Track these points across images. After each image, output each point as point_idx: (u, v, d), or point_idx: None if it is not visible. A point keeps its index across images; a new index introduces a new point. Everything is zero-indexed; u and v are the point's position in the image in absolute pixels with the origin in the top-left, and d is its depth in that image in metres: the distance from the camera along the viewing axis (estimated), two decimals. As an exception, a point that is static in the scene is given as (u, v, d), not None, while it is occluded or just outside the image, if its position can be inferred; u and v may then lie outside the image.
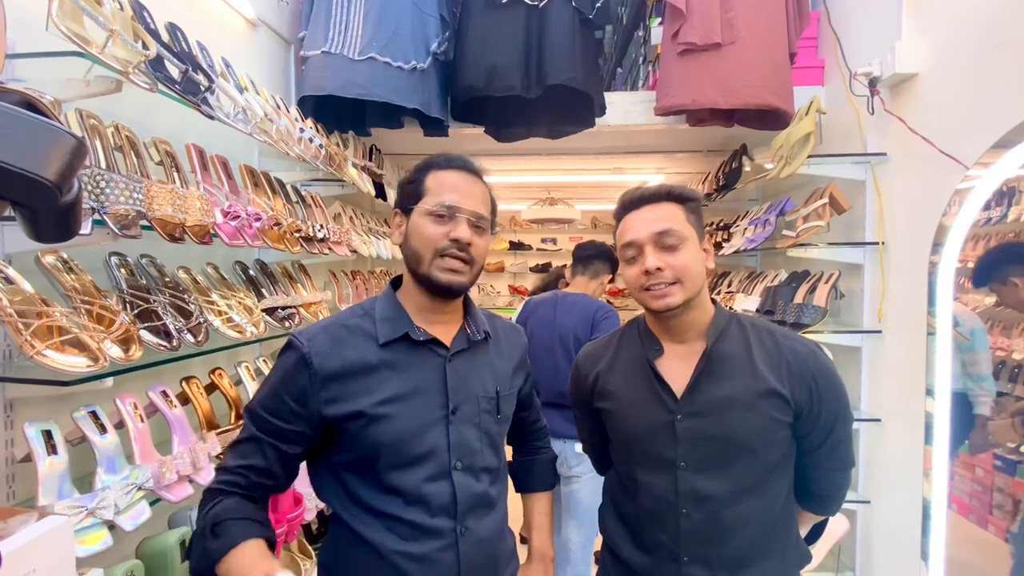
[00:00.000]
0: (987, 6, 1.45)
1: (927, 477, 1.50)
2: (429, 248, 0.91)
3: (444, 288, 0.91)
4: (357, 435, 0.88)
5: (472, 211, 0.92)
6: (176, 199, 1.26)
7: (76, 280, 1.18)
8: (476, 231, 0.92)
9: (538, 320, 2.18)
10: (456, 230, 0.90)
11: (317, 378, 0.88)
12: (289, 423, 0.88)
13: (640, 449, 1.02)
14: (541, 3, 2.16)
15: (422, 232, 0.91)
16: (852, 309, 2.07)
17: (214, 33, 1.79)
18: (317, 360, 0.88)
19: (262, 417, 0.89)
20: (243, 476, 0.89)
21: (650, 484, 1.00)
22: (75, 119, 1.17)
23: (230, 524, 0.84)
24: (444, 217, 0.91)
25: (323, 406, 0.88)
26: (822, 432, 1.00)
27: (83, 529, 1.04)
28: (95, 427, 1.16)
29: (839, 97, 2.10)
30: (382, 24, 2.08)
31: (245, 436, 0.91)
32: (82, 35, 1.06)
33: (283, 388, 0.89)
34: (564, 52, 2.15)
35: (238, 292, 1.62)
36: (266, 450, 0.89)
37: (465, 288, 0.94)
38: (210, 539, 0.82)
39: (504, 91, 2.15)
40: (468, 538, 0.92)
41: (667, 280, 0.95)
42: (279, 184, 1.90)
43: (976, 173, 1.41)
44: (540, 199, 5.12)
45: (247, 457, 0.89)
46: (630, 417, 1.02)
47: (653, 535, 1.01)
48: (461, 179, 0.94)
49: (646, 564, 1.02)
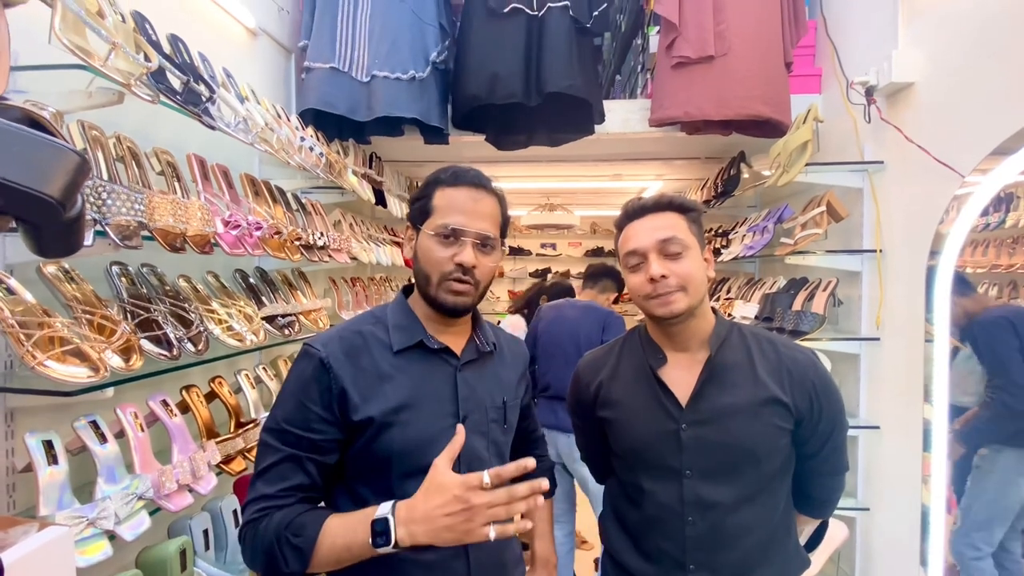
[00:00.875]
0: (982, 16, 1.46)
1: (926, 484, 1.50)
2: (435, 271, 0.91)
3: (450, 310, 0.92)
4: (370, 442, 0.88)
5: (477, 232, 0.91)
6: (177, 209, 1.26)
7: (77, 290, 1.18)
8: (482, 251, 0.92)
9: (554, 321, 2.41)
10: (460, 254, 0.90)
11: (337, 384, 0.87)
12: (322, 433, 0.86)
13: (645, 458, 1.03)
14: (540, 12, 2.17)
15: (429, 254, 0.92)
16: (850, 316, 2.08)
17: (215, 43, 1.81)
18: (336, 364, 0.88)
19: (293, 434, 0.85)
20: (289, 496, 0.84)
21: (655, 492, 1.01)
22: (77, 131, 1.18)
23: (306, 516, 0.81)
24: (449, 239, 0.91)
25: (342, 412, 0.87)
26: (821, 439, 1.02)
27: (84, 539, 1.04)
28: (95, 437, 1.16)
29: (836, 106, 2.11)
30: (382, 37, 2.10)
31: (277, 459, 0.85)
32: (84, 47, 1.07)
33: (306, 397, 0.87)
34: (562, 60, 2.16)
35: (238, 300, 1.62)
36: (307, 466, 0.85)
37: (471, 308, 0.95)
38: (292, 540, 0.79)
39: (506, 99, 2.17)
40: (478, 545, 0.90)
41: (672, 287, 0.96)
42: (280, 192, 1.91)
43: (974, 179, 1.42)
44: (540, 205, 5.13)
45: (288, 479, 0.84)
46: (634, 426, 1.03)
47: (657, 543, 1.02)
48: (468, 197, 0.93)
49: (650, 572, 1.03)
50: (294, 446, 0.86)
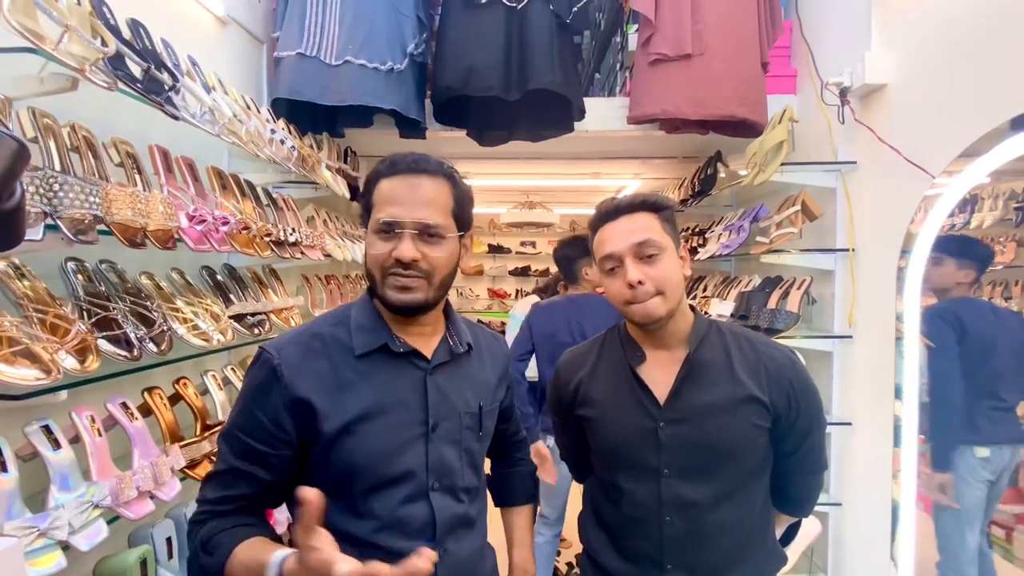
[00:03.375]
0: (953, 21, 1.49)
1: (896, 479, 1.53)
2: (376, 269, 0.85)
3: (400, 308, 0.85)
4: (329, 455, 0.83)
5: (416, 222, 0.83)
6: (137, 202, 1.20)
7: (29, 287, 1.12)
8: (426, 241, 0.84)
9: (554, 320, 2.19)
10: (398, 248, 0.83)
11: (289, 392, 0.81)
12: (270, 446, 0.81)
13: (623, 456, 1.02)
14: (519, 5, 2.15)
15: (370, 251, 0.86)
16: (824, 314, 2.11)
17: (181, 30, 1.74)
18: (288, 372, 0.82)
19: (243, 442, 0.81)
20: (227, 504, 0.81)
21: (633, 491, 1.01)
22: (27, 118, 1.11)
23: (221, 536, 0.78)
24: (388, 233, 0.84)
25: (297, 423, 0.82)
26: (798, 437, 1.02)
27: (35, 551, 0.99)
28: (48, 442, 1.10)
29: (811, 106, 2.14)
30: (357, 24, 2.05)
31: (224, 467, 0.83)
32: (35, 30, 1.01)
33: (256, 406, 0.82)
34: (543, 56, 2.14)
35: (205, 298, 1.56)
36: (253, 477, 0.82)
37: (424, 304, 0.86)
38: (203, 556, 0.78)
39: (482, 91, 2.13)
40: (447, 561, 0.87)
41: (649, 292, 0.96)
42: (249, 186, 1.85)
43: (943, 181, 1.45)
44: (519, 203, 5.12)
45: (230, 487, 0.82)
46: (613, 424, 1.03)
47: (635, 542, 1.01)
48: (405, 186, 0.86)
49: (629, 572, 1.02)
50: (242, 456, 0.82)
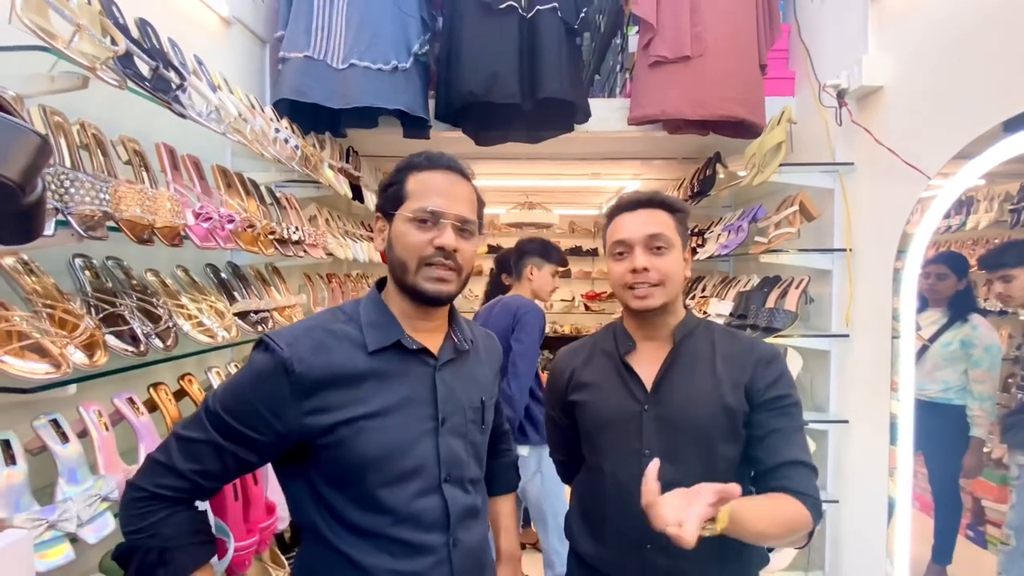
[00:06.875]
0: (949, 24, 1.51)
1: (892, 477, 1.55)
2: (413, 257, 0.86)
3: (432, 298, 0.88)
4: (342, 449, 0.83)
5: (457, 215, 0.87)
6: (145, 200, 1.22)
7: (38, 283, 1.13)
8: (462, 236, 0.88)
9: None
10: (441, 237, 0.85)
11: (300, 387, 0.81)
12: (261, 434, 0.82)
13: (608, 437, 1.08)
14: (529, 13, 2.17)
15: (406, 240, 0.86)
16: (821, 314, 2.13)
17: (187, 30, 1.75)
18: (300, 367, 0.81)
19: (224, 421, 0.82)
20: (191, 482, 0.83)
21: (616, 473, 1.06)
22: (38, 115, 1.13)
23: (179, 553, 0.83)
24: (428, 223, 0.86)
25: (305, 417, 0.82)
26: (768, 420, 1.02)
27: (44, 543, 1.00)
28: (56, 436, 1.11)
29: (809, 108, 2.16)
30: (363, 28, 2.06)
31: (200, 437, 0.83)
32: (47, 29, 1.02)
33: (254, 394, 0.82)
34: (553, 64, 2.17)
35: (209, 295, 1.58)
36: (225, 457, 0.83)
37: (453, 296, 0.90)
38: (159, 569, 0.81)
39: (506, 99, 2.15)
40: (459, 550, 0.90)
41: (651, 281, 1.02)
42: (253, 185, 1.86)
43: (938, 183, 1.47)
44: (519, 203, 5.13)
45: (201, 461, 0.83)
46: (601, 406, 1.09)
47: (617, 526, 1.06)
48: (445, 180, 0.89)
49: (611, 557, 1.07)
50: (221, 434, 0.82)
